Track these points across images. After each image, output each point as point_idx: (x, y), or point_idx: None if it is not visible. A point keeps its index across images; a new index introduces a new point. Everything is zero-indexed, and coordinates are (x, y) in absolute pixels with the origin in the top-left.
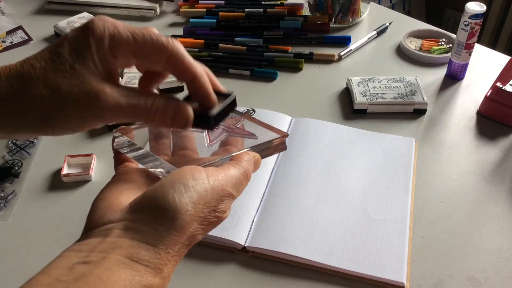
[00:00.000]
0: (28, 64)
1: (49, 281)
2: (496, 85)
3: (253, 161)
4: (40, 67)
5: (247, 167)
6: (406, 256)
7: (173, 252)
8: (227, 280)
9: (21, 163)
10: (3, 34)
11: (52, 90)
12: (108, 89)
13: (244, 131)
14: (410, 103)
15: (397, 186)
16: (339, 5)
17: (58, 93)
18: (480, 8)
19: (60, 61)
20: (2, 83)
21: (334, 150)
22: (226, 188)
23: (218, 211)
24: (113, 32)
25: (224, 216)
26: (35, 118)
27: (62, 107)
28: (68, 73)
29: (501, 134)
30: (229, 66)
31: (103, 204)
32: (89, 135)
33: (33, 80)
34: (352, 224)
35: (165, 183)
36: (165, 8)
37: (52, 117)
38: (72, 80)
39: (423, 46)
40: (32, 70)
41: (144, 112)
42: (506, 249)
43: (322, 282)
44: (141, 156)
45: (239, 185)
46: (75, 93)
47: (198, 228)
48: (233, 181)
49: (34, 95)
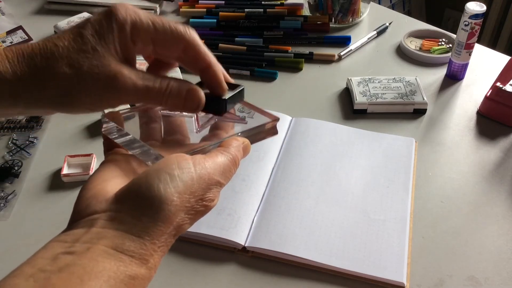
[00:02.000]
0: (51, 43)
1: (32, 271)
2: (496, 85)
3: (242, 147)
4: (63, 46)
5: (236, 153)
6: (406, 256)
7: (159, 243)
8: (227, 280)
9: (21, 163)
10: (3, 34)
11: (74, 68)
12: (126, 71)
13: (234, 116)
14: (410, 103)
15: (397, 186)
16: (339, 5)
17: (80, 72)
18: (480, 8)
19: (83, 41)
20: (25, 60)
21: (334, 150)
22: (214, 176)
23: (206, 199)
24: (135, 19)
25: (211, 204)
26: (55, 95)
27: (83, 85)
28: (90, 54)
29: (501, 134)
30: (229, 66)
31: (89, 194)
32: (89, 135)
33: (56, 58)
34: (352, 224)
35: (150, 172)
36: (165, 8)
37: (71, 94)
38: (93, 61)
39: (423, 46)
40: (56, 48)
41: (159, 94)
42: (506, 249)
43: (322, 282)
44: (128, 142)
45: (227, 172)
46: (95, 73)
47: (185, 218)
48: (221, 168)
49: (57, 72)
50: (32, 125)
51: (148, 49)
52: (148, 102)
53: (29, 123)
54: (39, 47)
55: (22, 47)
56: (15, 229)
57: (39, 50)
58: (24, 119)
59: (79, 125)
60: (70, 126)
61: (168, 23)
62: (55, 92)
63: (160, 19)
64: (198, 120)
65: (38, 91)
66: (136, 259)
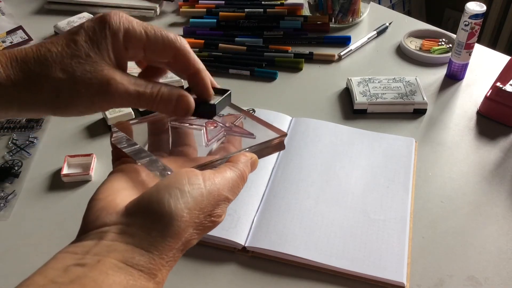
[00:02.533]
0: (44, 48)
1: (44, 282)
2: (496, 85)
3: (250, 162)
4: (57, 51)
5: (244, 169)
6: (406, 256)
7: (167, 258)
8: (227, 280)
9: (21, 163)
10: (3, 34)
11: (67, 74)
12: (118, 77)
13: (242, 130)
14: (410, 103)
15: (397, 186)
16: (339, 5)
17: (73, 77)
18: (480, 8)
19: (77, 47)
20: (18, 65)
21: (334, 150)
22: (223, 192)
23: (214, 215)
24: (128, 27)
25: (219, 220)
26: (47, 98)
27: (75, 90)
28: (83, 60)
29: (501, 134)
30: (229, 66)
31: (99, 205)
32: (89, 135)
33: (50, 63)
34: (352, 224)
35: (161, 187)
36: (165, 8)
37: (64, 98)
38: (86, 66)
39: (423, 46)
40: (49, 53)
41: (150, 99)
42: (506, 249)
43: (322, 282)
44: (137, 152)
45: (235, 188)
46: (88, 78)
47: (193, 234)
48: (230, 184)
49: (50, 77)
50: (32, 125)
51: (139, 56)
52: (140, 106)
53: (29, 123)
54: (32, 52)
55: (15, 52)
56: (15, 229)
57: (32, 55)
58: (24, 119)
59: (79, 125)
60: (70, 126)
61: (160, 31)
62: (48, 96)
63: (152, 27)
64: (207, 134)
65: (32, 95)
66: (145, 273)
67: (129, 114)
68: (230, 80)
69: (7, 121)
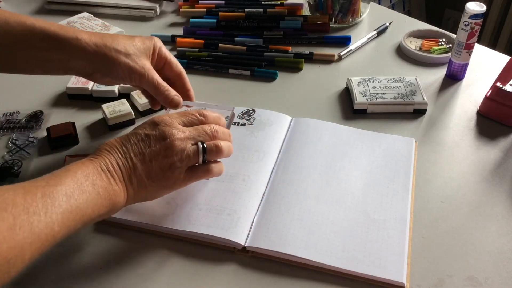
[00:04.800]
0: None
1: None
2: (496, 85)
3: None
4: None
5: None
6: (406, 256)
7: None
8: (227, 280)
9: (21, 163)
10: None
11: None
12: (153, 71)
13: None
14: (410, 103)
15: (397, 186)
16: (339, 5)
17: (131, 63)
18: (480, 8)
19: (139, 51)
20: (99, 48)
21: (334, 150)
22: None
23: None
24: (165, 54)
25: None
26: (100, 71)
27: (127, 67)
28: (137, 56)
29: (501, 134)
30: (229, 66)
31: None
32: (89, 135)
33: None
34: (352, 224)
35: None
36: (165, 8)
37: (119, 75)
38: (139, 61)
39: (423, 46)
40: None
41: (160, 90)
42: (506, 249)
43: (322, 282)
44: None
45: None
46: (136, 64)
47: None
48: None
49: (118, 61)
50: (31, 125)
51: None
52: (153, 92)
53: (28, 123)
54: (108, 44)
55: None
56: None
57: (107, 47)
58: (24, 119)
59: (79, 125)
60: None
61: (176, 62)
62: (102, 71)
63: (172, 56)
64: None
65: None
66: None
67: (129, 114)
68: (230, 80)
69: (7, 121)
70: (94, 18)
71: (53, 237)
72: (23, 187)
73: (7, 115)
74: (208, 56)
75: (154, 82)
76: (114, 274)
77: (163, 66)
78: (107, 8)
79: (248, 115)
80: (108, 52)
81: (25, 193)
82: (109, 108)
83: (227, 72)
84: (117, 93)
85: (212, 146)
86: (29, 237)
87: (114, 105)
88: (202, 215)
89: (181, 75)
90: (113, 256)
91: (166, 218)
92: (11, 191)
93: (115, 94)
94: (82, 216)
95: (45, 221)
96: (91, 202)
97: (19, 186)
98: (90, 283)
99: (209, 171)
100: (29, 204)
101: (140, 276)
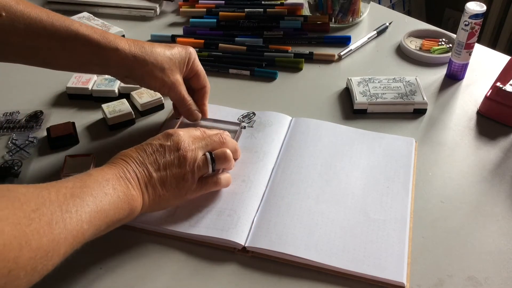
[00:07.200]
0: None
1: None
2: (496, 85)
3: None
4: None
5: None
6: (406, 256)
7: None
8: (227, 280)
9: (21, 163)
10: None
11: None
12: (182, 85)
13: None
14: (410, 103)
15: (397, 186)
16: (339, 5)
17: (164, 77)
18: (480, 8)
19: (174, 64)
20: (137, 59)
21: (334, 150)
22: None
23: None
24: (196, 67)
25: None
26: (135, 77)
27: (163, 82)
28: (170, 70)
29: (501, 134)
30: (229, 66)
31: None
32: (89, 135)
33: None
34: (352, 224)
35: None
36: (165, 8)
37: (152, 84)
38: (171, 75)
39: (423, 46)
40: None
41: (185, 105)
42: (506, 249)
43: (322, 282)
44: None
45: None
46: (168, 79)
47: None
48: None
49: (153, 72)
50: (31, 125)
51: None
52: (178, 103)
53: (28, 123)
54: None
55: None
56: None
57: (147, 59)
58: (24, 119)
59: (79, 126)
60: None
61: (204, 76)
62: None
63: (202, 69)
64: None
65: (138, 72)
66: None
67: (129, 114)
68: (230, 80)
69: (7, 121)
70: (94, 18)
71: (83, 234)
72: (54, 186)
73: (7, 115)
74: (208, 56)
75: (181, 96)
76: (114, 274)
77: (192, 77)
78: (107, 8)
79: (248, 118)
80: (145, 66)
81: (57, 192)
82: (109, 108)
83: (227, 72)
84: (117, 93)
85: (220, 154)
86: (63, 232)
87: (114, 105)
88: (202, 217)
89: (204, 89)
90: (113, 256)
91: (167, 220)
92: (45, 189)
93: (115, 94)
94: (105, 217)
95: (76, 219)
96: (113, 205)
97: (50, 185)
98: (90, 283)
99: (218, 183)
100: (61, 202)
101: (140, 276)
